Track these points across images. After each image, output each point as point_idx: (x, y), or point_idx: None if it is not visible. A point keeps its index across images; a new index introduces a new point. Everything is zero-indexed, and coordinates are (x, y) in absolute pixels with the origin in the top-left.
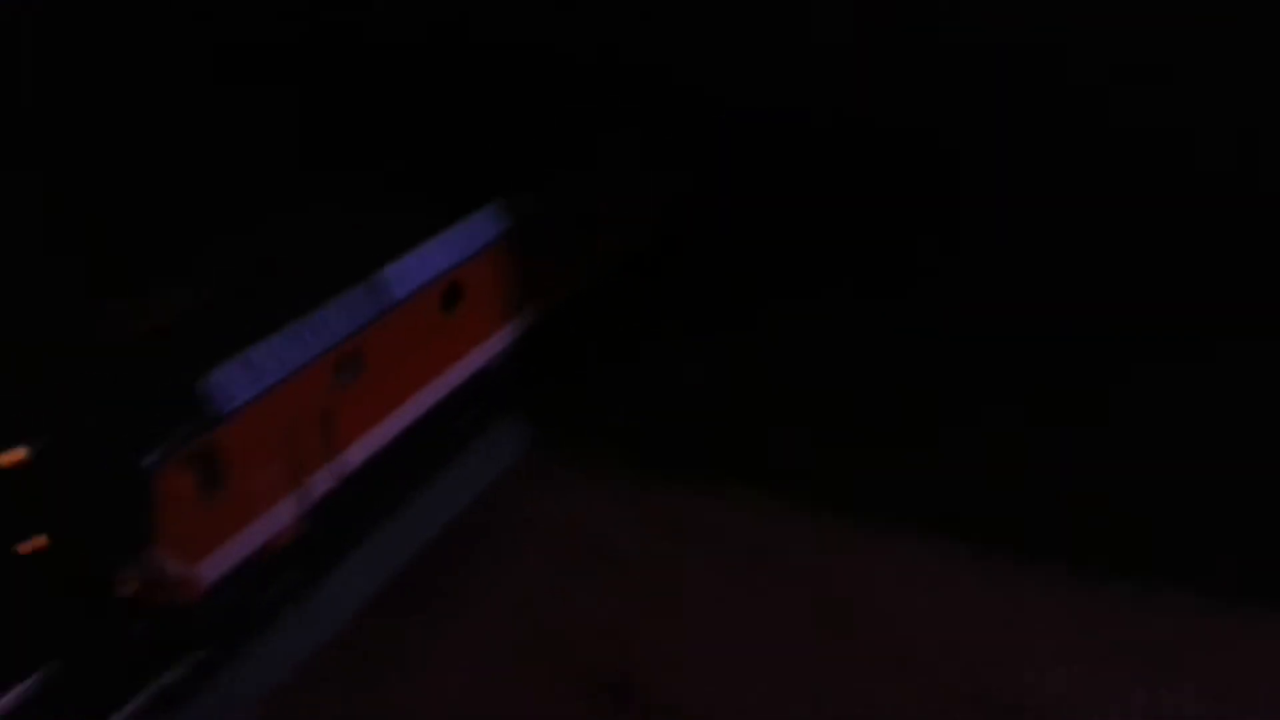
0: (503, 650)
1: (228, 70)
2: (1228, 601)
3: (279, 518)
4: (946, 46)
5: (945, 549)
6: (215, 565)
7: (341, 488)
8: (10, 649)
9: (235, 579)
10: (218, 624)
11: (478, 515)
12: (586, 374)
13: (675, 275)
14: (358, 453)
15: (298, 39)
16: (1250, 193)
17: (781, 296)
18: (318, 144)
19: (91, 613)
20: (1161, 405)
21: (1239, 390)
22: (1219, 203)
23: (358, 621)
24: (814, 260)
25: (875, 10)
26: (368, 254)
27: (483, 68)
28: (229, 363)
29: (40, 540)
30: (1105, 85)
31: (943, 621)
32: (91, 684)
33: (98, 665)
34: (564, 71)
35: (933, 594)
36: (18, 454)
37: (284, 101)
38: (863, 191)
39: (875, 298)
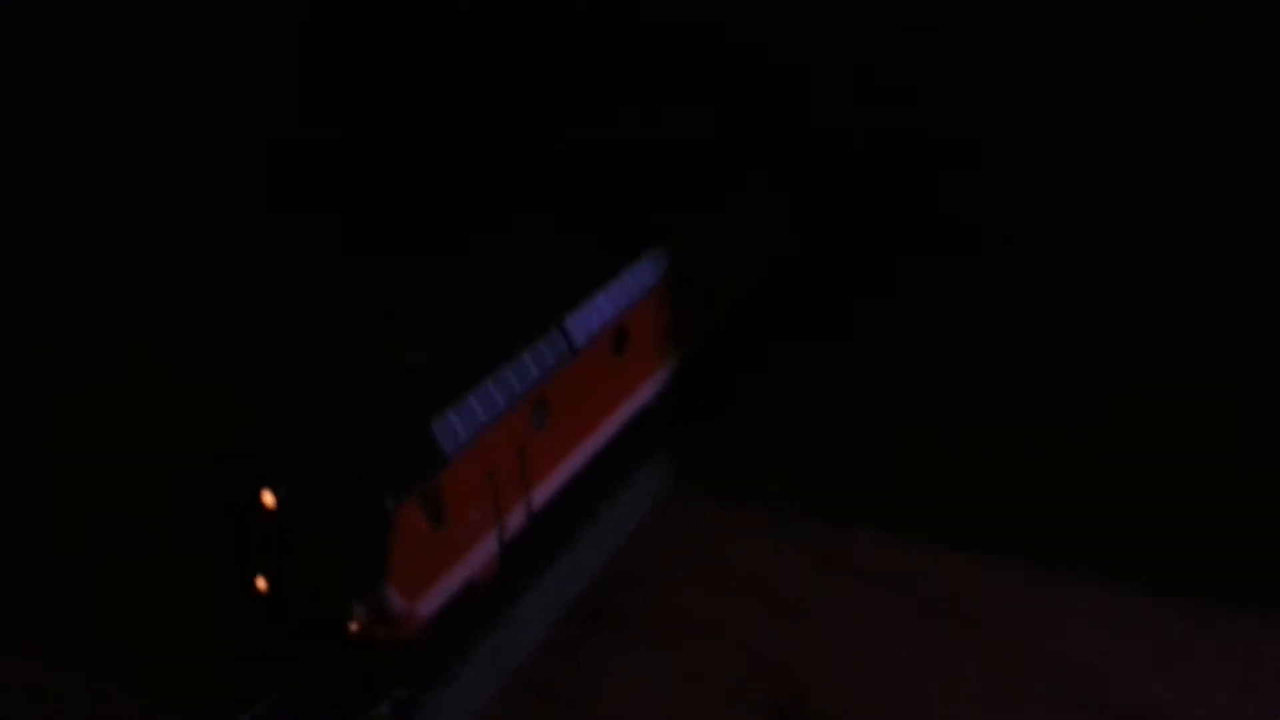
0: (675, 681)
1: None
2: None
3: (483, 555)
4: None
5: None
6: (431, 602)
7: (528, 526)
8: (233, 684)
9: (445, 616)
10: (426, 661)
11: (638, 550)
12: (733, 406)
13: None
14: (543, 492)
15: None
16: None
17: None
18: (475, 191)
19: (317, 650)
20: None
21: None
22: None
23: (537, 657)
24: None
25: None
26: (546, 302)
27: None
28: (450, 407)
29: (272, 578)
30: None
31: (1118, 654)
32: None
33: (317, 701)
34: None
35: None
36: (268, 496)
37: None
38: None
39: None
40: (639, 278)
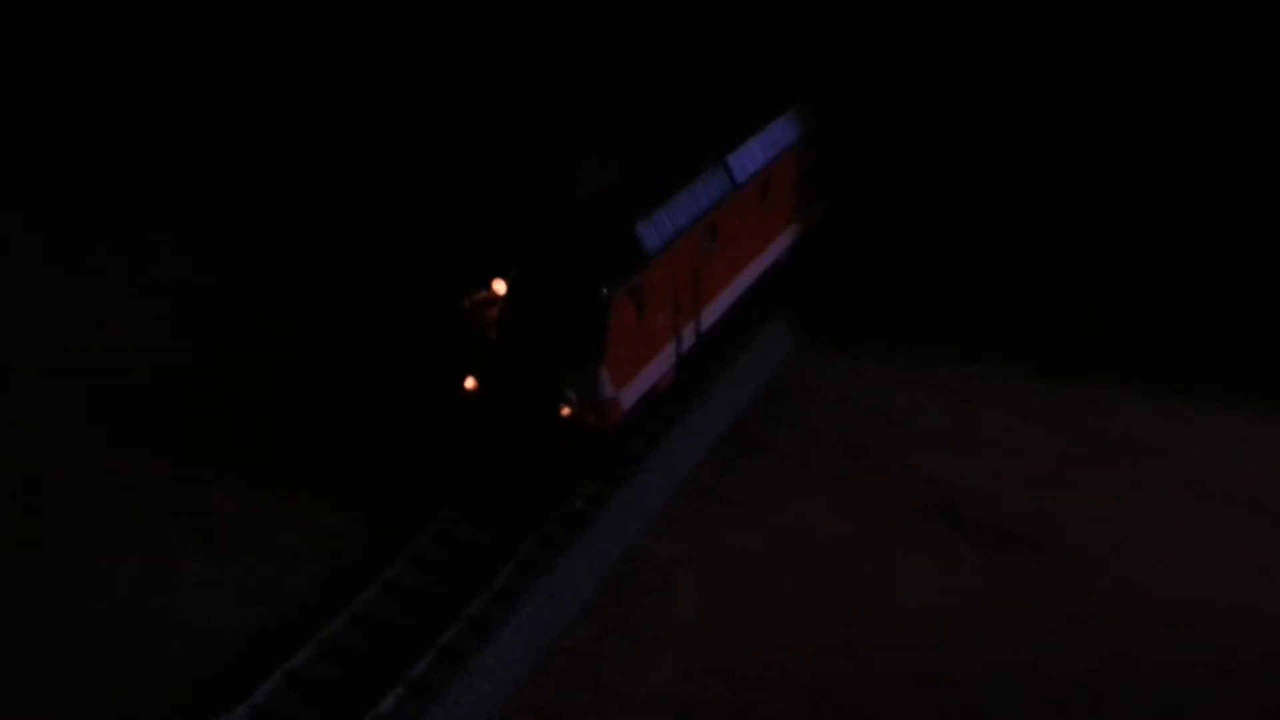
0: (829, 491)
1: None
2: None
3: (665, 361)
4: None
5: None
6: (630, 394)
7: (696, 344)
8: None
9: (638, 410)
10: (620, 453)
11: (775, 392)
12: (856, 266)
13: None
14: (710, 314)
15: None
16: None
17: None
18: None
19: (525, 439)
20: None
21: None
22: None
23: (700, 471)
24: None
25: None
26: (710, 144)
27: None
28: (647, 216)
29: (482, 376)
30: None
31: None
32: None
33: (526, 483)
34: None
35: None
36: (499, 284)
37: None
38: None
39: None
40: (781, 132)
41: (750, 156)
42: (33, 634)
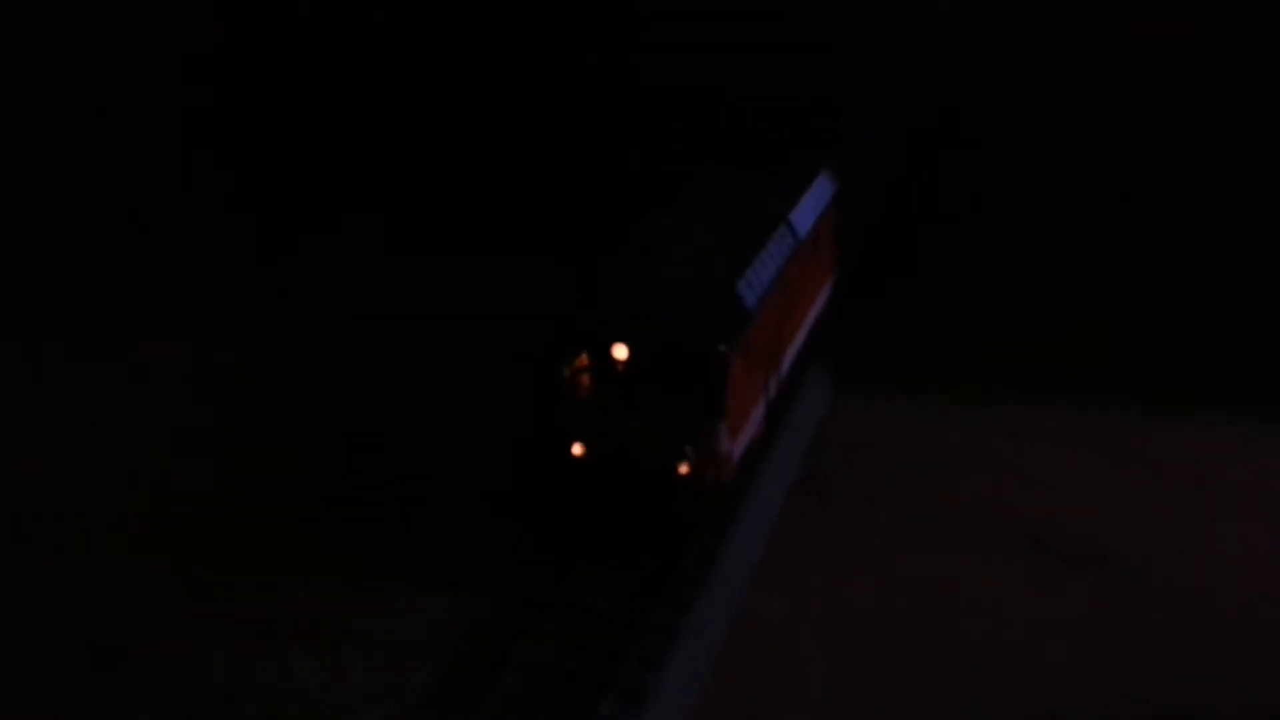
0: (919, 526)
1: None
2: None
3: (760, 413)
4: None
5: None
6: (738, 447)
7: (778, 395)
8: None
9: (741, 463)
10: (728, 506)
11: (832, 430)
12: (877, 316)
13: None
14: (785, 364)
15: None
16: None
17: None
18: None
19: (642, 500)
20: None
21: None
22: None
23: (783, 520)
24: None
25: None
26: (770, 206)
27: None
28: (741, 276)
29: (590, 442)
30: None
31: None
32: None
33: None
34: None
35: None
36: (620, 350)
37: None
38: None
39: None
40: (821, 191)
41: (805, 213)
42: None
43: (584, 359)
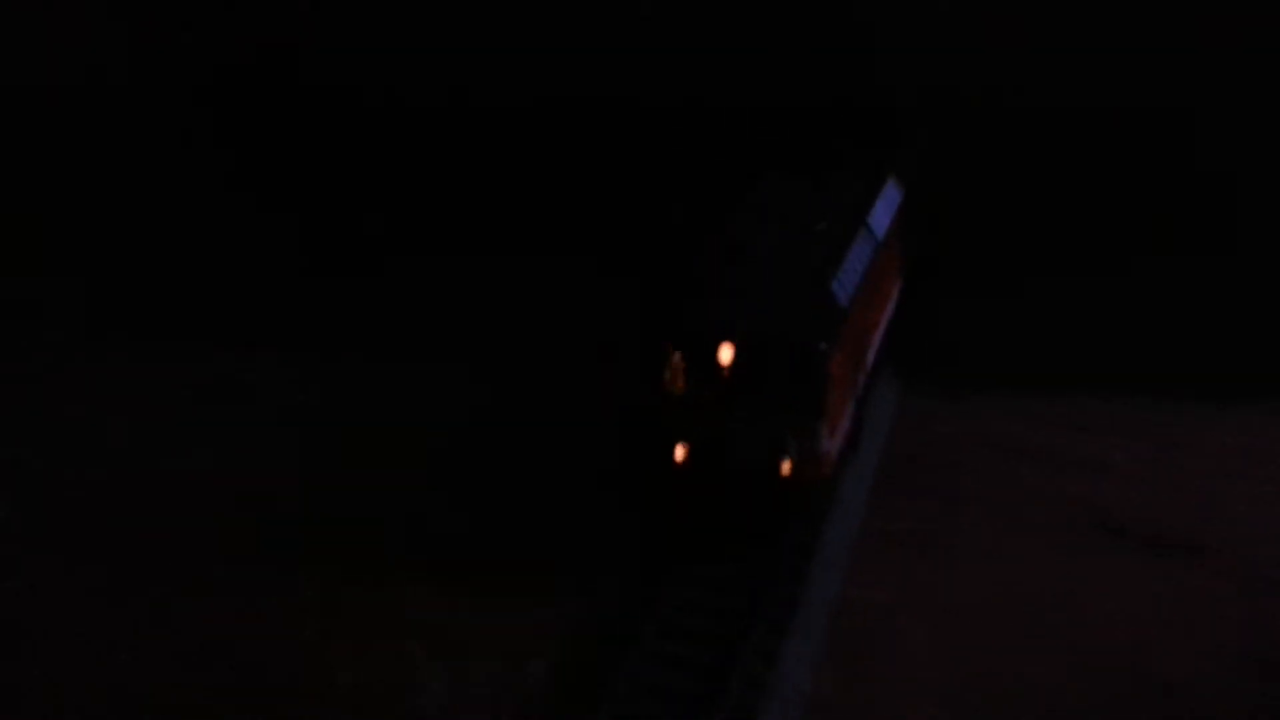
0: (1001, 516)
1: None
2: None
3: (850, 411)
4: None
5: None
6: (834, 444)
7: (864, 393)
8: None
9: (838, 458)
10: (824, 504)
11: (904, 426)
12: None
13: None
14: (869, 363)
15: None
16: None
17: None
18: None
19: (744, 499)
20: None
21: None
22: None
23: (867, 517)
24: None
25: None
26: (848, 210)
27: None
28: (833, 274)
29: (694, 443)
30: None
31: None
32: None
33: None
34: None
35: None
36: (726, 350)
37: None
38: None
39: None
40: (891, 195)
41: (881, 215)
42: None
43: (679, 359)
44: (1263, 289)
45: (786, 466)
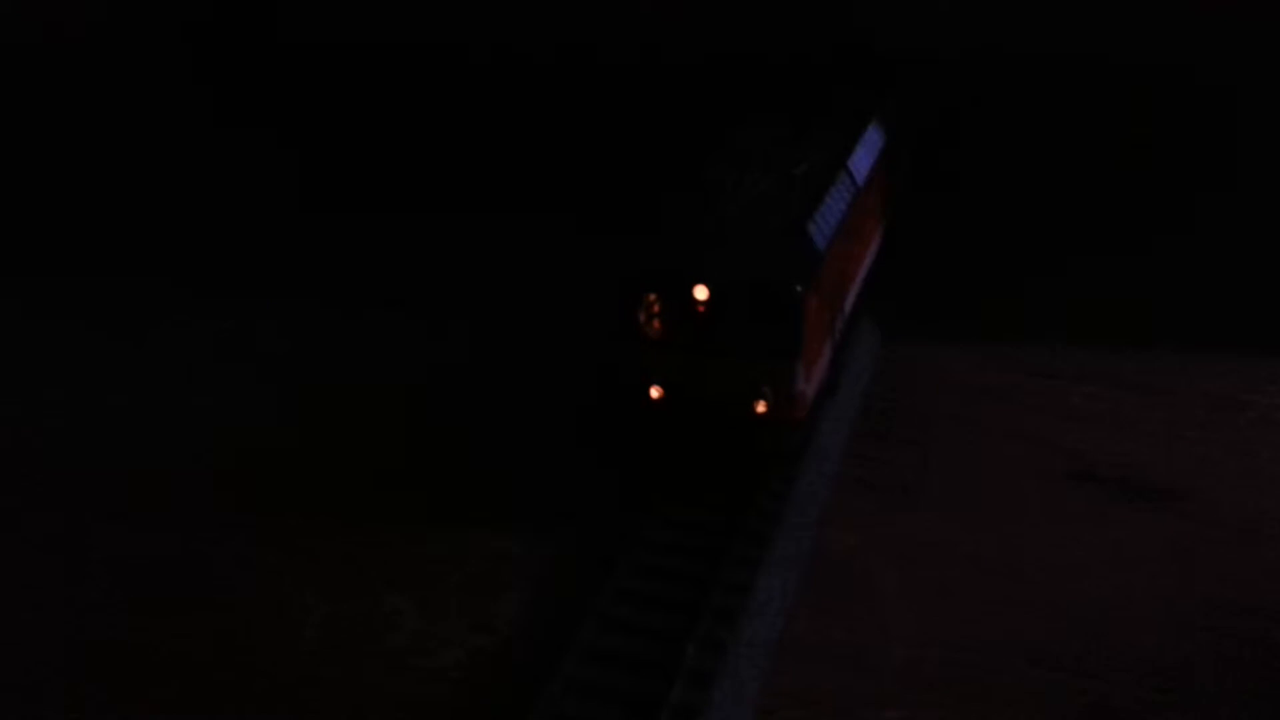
0: (978, 463)
1: None
2: None
3: (827, 355)
4: None
5: None
6: (811, 387)
7: (840, 338)
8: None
9: (813, 403)
10: (800, 447)
11: (883, 374)
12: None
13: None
14: (847, 307)
15: None
16: None
17: None
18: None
19: (719, 439)
20: None
21: None
22: None
23: (846, 463)
24: None
25: None
26: (829, 153)
27: None
28: (809, 216)
29: (669, 383)
30: None
31: None
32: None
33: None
34: None
35: None
36: (701, 290)
37: None
38: None
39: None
40: (871, 140)
41: (861, 161)
42: (256, 684)
43: (654, 300)
44: (1244, 237)
45: (762, 406)
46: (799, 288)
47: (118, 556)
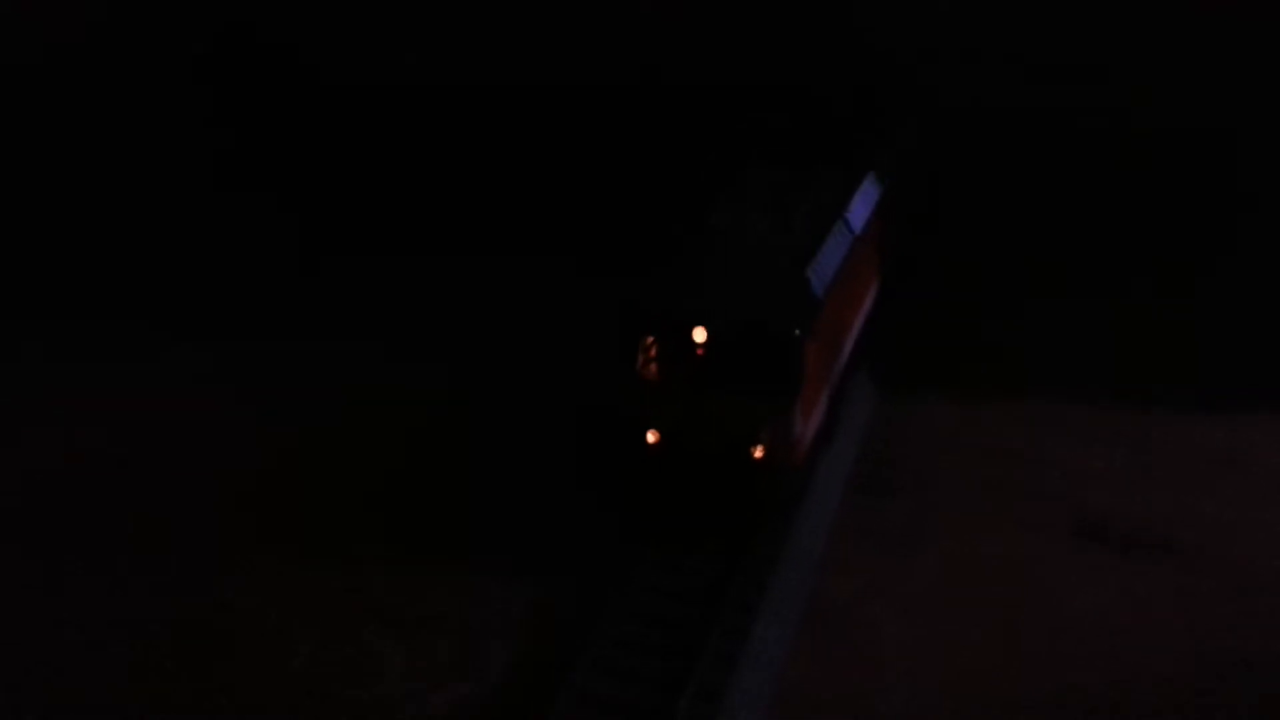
0: (978, 517)
1: None
2: None
3: (824, 402)
4: None
5: None
6: (808, 431)
7: (839, 385)
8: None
9: (810, 448)
10: (795, 491)
11: (881, 426)
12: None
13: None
14: (844, 356)
15: None
16: None
17: None
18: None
19: (715, 483)
20: None
21: None
22: None
23: (844, 508)
24: None
25: None
26: (827, 203)
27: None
28: (808, 265)
29: (666, 429)
30: None
31: None
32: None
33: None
34: None
35: None
36: (700, 333)
37: None
38: None
39: None
40: (869, 192)
41: (859, 211)
42: None
43: (653, 343)
44: (1243, 295)
45: (759, 451)
46: (798, 332)
47: (101, 603)
